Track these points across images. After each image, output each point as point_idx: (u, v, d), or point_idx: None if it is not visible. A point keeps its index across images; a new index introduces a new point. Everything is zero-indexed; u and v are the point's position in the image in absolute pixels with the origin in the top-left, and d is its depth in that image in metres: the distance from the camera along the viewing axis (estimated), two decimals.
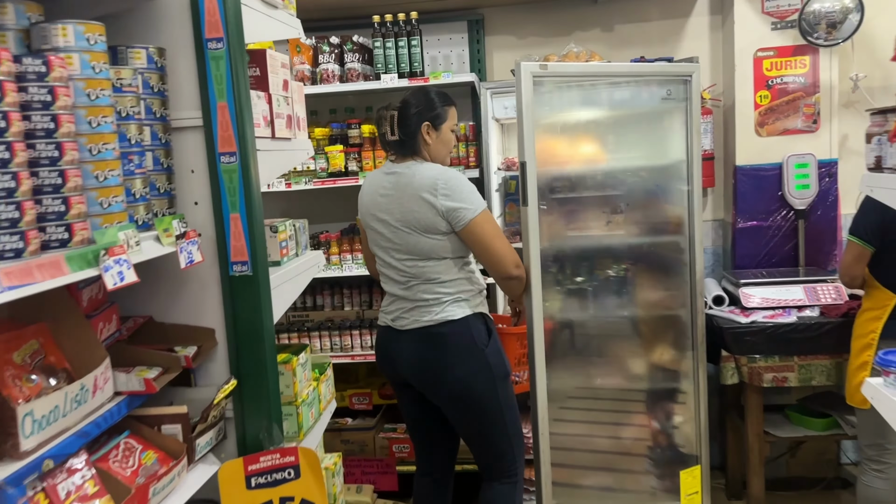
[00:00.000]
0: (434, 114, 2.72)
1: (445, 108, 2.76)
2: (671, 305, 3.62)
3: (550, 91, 3.54)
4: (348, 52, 3.86)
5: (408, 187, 2.58)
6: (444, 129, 2.75)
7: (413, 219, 2.56)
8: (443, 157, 2.78)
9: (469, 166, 3.83)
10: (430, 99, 2.74)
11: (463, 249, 2.66)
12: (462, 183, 2.59)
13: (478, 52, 4.14)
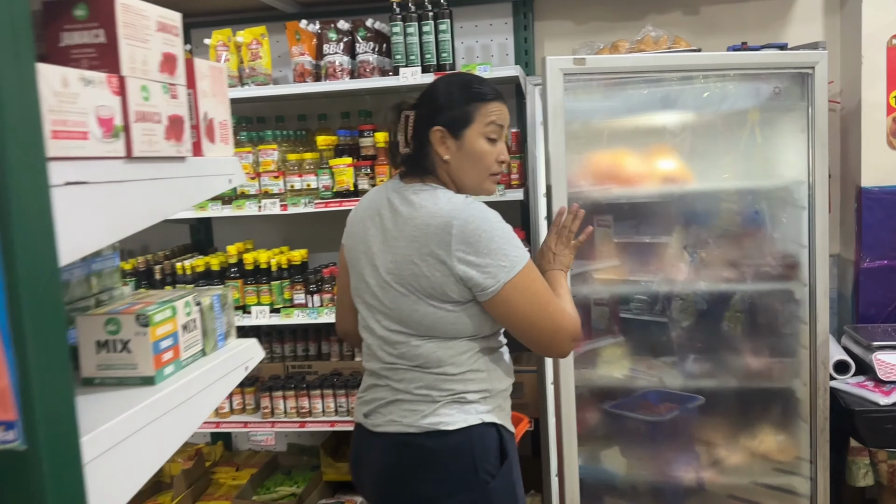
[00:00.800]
0: (452, 114, 1.81)
1: (474, 104, 1.81)
2: (778, 375, 2.72)
3: (608, 88, 2.68)
4: (361, 40, 3.06)
5: (408, 228, 1.76)
6: (469, 137, 1.80)
7: (411, 276, 1.75)
8: (472, 179, 1.85)
9: (511, 185, 3.00)
10: (449, 90, 1.84)
11: (486, 326, 1.81)
12: (492, 227, 1.72)
13: (525, 41, 3.31)
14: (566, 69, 2.47)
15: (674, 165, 2.72)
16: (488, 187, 1.89)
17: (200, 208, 3.14)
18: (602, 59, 2.62)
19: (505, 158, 1.87)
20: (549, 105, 2.45)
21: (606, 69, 2.57)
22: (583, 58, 2.52)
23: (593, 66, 2.53)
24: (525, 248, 1.79)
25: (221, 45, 3.13)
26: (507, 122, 1.87)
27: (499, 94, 1.86)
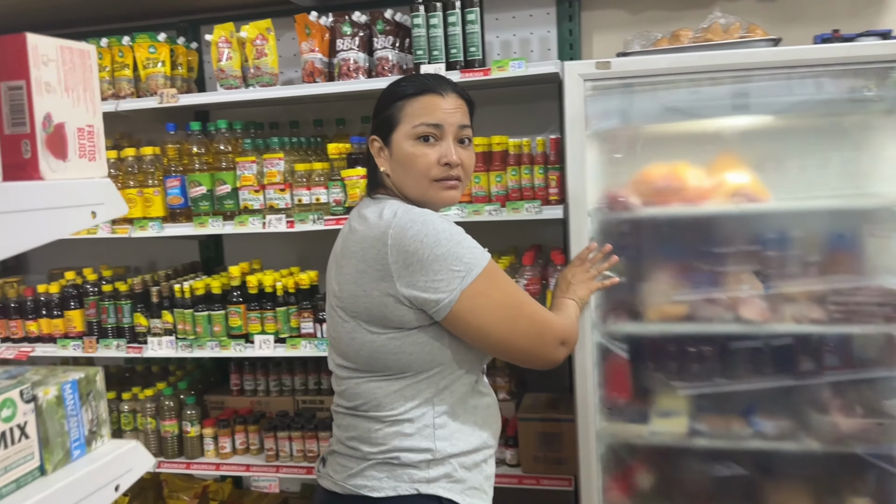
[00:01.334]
0: (379, 119, 1.68)
1: (397, 104, 1.64)
2: (874, 438, 2.22)
3: (654, 88, 2.23)
4: (379, 34, 2.67)
5: (351, 245, 1.59)
6: (396, 141, 1.63)
7: (350, 297, 1.55)
8: (412, 188, 1.64)
9: (548, 201, 2.56)
10: (381, 94, 1.71)
11: (443, 360, 1.56)
12: (435, 229, 1.50)
13: (570, 34, 2.86)
14: (588, 75, 2.07)
15: (745, 179, 2.24)
16: (436, 196, 1.63)
17: (200, 225, 2.80)
18: (630, 61, 2.19)
19: (451, 160, 1.60)
20: (567, 116, 2.19)
21: (636, 73, 2.14)
22: (607, 61, 2.12)
23: (620, 70, 2.13)
24: (483, 249, 1.58)
25: (224, 41, 2.78)
26: (454, 119, 1.63)
27: (436, 86, 1.64)
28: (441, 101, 1.63)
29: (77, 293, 3.03)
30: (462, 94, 1.70)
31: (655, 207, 2.27)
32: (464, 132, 1.66)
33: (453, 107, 1.64)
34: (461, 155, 1.64)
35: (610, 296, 2.32)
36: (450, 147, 1.62)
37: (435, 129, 1.61)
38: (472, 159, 1.68)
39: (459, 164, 1.63)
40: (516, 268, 2.77)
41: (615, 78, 2.20)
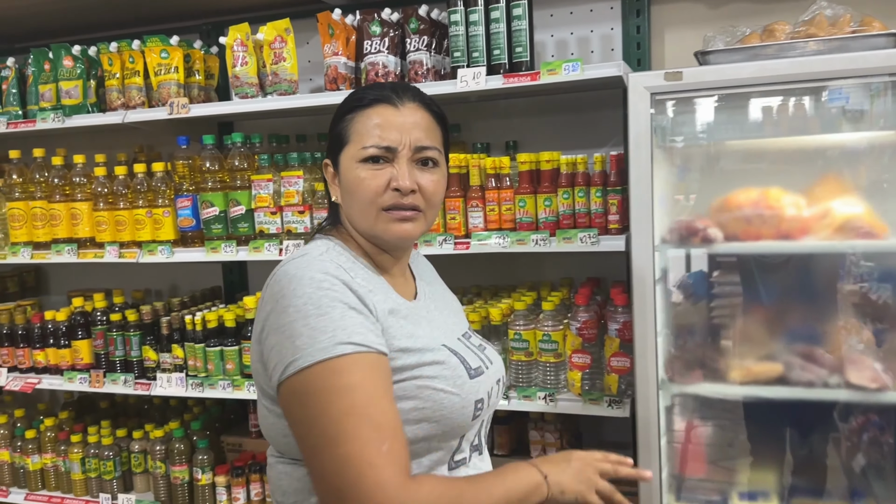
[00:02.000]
0: (330, 137, 1.40)
1: (346, 118, 1.36)
2: None
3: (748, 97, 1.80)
4: (412, 34, 2.31)
5: None
6: (343, 163, 1.36)
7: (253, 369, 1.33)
8: (359, 220, 1.35)
9: (606, 230, 2.14)
10: (336, 109, 1.41)
11: None
12: (294, 291, 1.20)
13: (637, 31, 2.44)
14: (655, 88, 1.67)
15: (857, 209, 1.78)
16: (385, 229, 1.32)
17: (212, 250, 2.49)
18: (708, 71, 1.78)
19: (401, 184, 1.29)
20: (632, 134, 1.83)
21: (717, 84, 1.72)
22: (678, 71, 1.72)
23: (695, 81, 1.70)
24: (343, 337, 1.16)
25: (239, 44, 2.47)
26: (410, 137, 1.31)
27: (390, 96, 1.33)
28: (394, 114, 1.32)
29: (85, 321, 2.76)
30: (429, 106, 1.37)
31: (742, 242, 1.83)
32: (425, 153, 1.33)
33: (411, 122, 1.32)
34: (420, 179, 1.32)
35: (682, 349, 1.89)
36: (403, 170, 1.31)
37: (386, 150, 1.31)
38: (437, 185, 1.35)
39: (416, 191, 1.31)
40: (567, 306, 2.36)
41: (689, 91, 1.79)
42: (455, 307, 1.55)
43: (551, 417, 2.42)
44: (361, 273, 1.30)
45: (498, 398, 1.43)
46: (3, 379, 2.83)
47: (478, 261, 2.68)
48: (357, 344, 1.16)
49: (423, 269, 1.59)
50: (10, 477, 2.93)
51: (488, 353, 1.45)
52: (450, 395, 1.26)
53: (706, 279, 1.93)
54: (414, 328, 1.30)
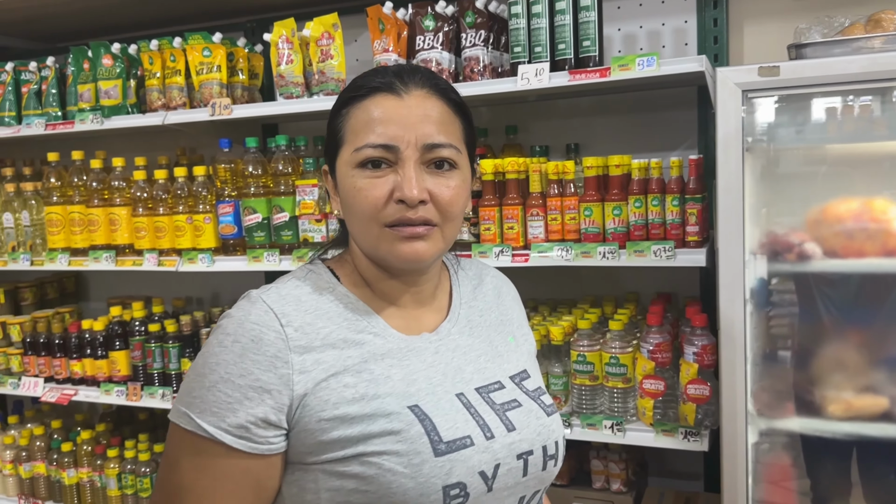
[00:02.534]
0: (327, 137, 1.15)
1: (341, 113, 1.12)
2: None
3: (854, 94, 1.58)
4: (468, 28, 2.14)
5: None
6: (340, 171, 1.11)
7: None
8: (360, 238, 1.11)
9: (684, 243, 1.93)
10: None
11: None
12: (210, 345, 1.05)
13: (713, 24, 2.22)
14: (748, 84, 1.47)
15: None
16: (390, 250, 1.07)
17: (254, 259, 2.35)
18: (811, 66, 1.57)
19: (406, 195, 1.04)
20: (720, 136, 1.64)
21: (817, 81, 1.52)
22: (774, 66, 1.53)
23: (794, 77, 1.49)
24: (196, 409, 1.01)
25: (284, 41, 2.32)
26: (416, 132, 1.05)
27: (392, 82, 1.08)
28: (397, 105, 1.06)
29: (123, 332, 2.65)
30: (444, 93, 1.11)
31: (843, 260, 1.61)
32: (437, 153, 1.07)
33: (419, 113, 1.06)
34: (433, 187, 1.07)
35: (772, 379, 1.68)
36: (409, 175, 1.04)
37: (385, 150, 1.05)
38: (455, 193, 1.09)
39: (427, 201, 1.06)
40: (635, 324, 2.16)
41: (786, 87, 1.57)
42: (499, 348, 1.22)
43: (616, 446, 2.22)
44: (323, 316, 1.07)
45: (530, 476, 1.10)
46: (40, 390, 2.74)
47: (534, 272, 2.49)
48: (199, 426, 1.01)
49: (485, 291, 1.29)
50: (45, 491, 2.83)
51: (520, 413, 1.12)
52: (399, 478, 0.99)
53: (800, 301, 1.71)
54: (376, 383, 1.04)
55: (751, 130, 1.64)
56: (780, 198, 1.71)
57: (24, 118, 2.74)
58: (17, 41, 3.11)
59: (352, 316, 1.10)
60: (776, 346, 1.73)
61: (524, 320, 1.34)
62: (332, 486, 1.02)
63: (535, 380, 1.21)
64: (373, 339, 1.09)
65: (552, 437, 1.13)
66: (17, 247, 2.78)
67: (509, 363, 1.20)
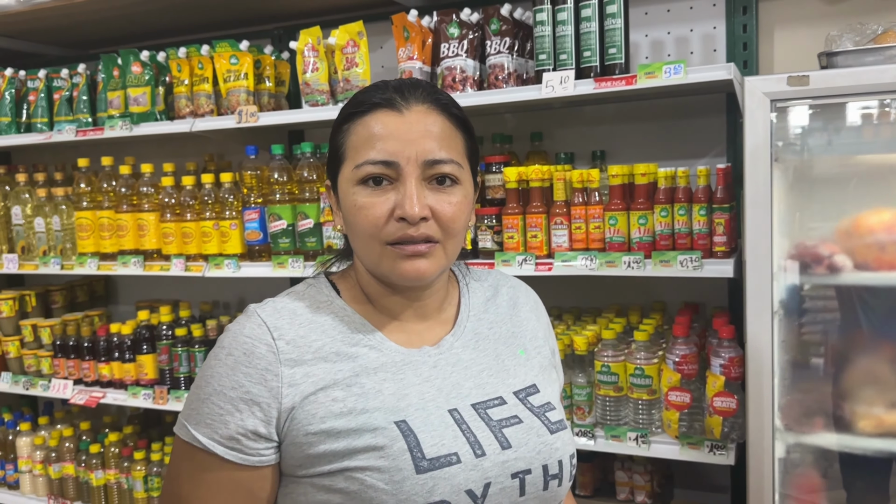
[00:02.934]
0: (329, 152, 1.15)
1: (343, 128, 1.12)
2: None
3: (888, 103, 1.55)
4: (493, 35, 2.13)
5: None
6: (342, 187, 1.11)
7: None
8: (363, 256, 1.12)
9: (711, 253, 1.90)
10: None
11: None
12: (210, 359, 1.08)
13: (743, 30, 2.19)
14: (777, 94, 1.44)
15: None
16: (392, 268, 1.07)
17: (279, 265, 2.36)
18: (842, 75, 1.53)
19: (407, 212, 1.03)
20: (748, 146, 1.62)
21: (849, 90, 1.49)
22: (804, 75, 1.50)
23: (825, 86, 1.46)
24: (193, 420, 1.04)
25: (310, 48, 2.34)
26: (416, 148, 1.05)
27: (392, 98, 1.07)
28: (397, 121, 1.06)
29: (150, 335, 2.68)
30: (445, 108, 1.11)
31: (875, 273, 1.58)
32: (438, 168, 1.07)
33: (419, 129, 1.06)
34: (434, 203, 1.06)
35: (801, 393, 1.64)
36: (410, 192, 1.04)
37: (386, 167, 1.05)
38: (457, 209, 1.08)
39: (429, 217, 1.05)
40: (661, 334, 2.13)
41: (816, 97, 1.54)
42: (506, 362, 1.19)
43: (641, 458, 2.19)
44: (317, 329, 1.08)
45: (529, 496, 1.07)
46: (69, 392, 2.78)
47: (560, 280, 2.47)
48: (194, 437, 1.04)
49: (498, 303, 1.26)
50: (74, 491, 2.87)
51: (518, 430, 1.09)
52: (381, 495, 0.99)
53: (830, 315, 1.67)
54: (365, 398, 1.04)
55: (780, 140, 1.61)
56: (810, 208, 1.68)
57: (56, 124, 2.79)
58: (50, 48, 3.16)
59: (347, 329, 1.10)
60: (805, 360, 1.70)
61: (542, 331, 1.30)
62: (319, 500, 1.03)
63: (545, 395, 1.18)
64: (367, 353, 1.08)
65: (555, 456, 1.10)
66: (47, 251, 2.83)
67: (515, 378, 1.17)
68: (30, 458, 2.93)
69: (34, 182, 2.93)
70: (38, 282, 3.29)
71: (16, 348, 2.94)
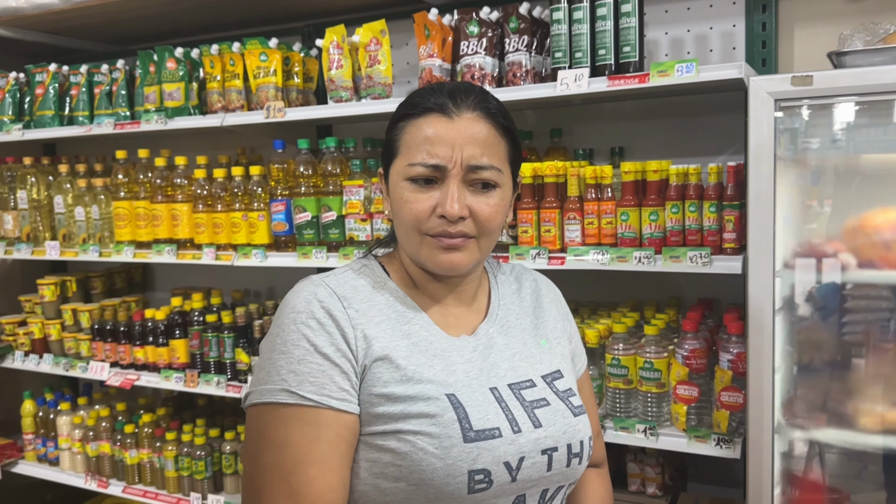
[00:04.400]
0: (385, 143, 1.27)
1: (397, 126, 1.23)
2: None
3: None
4: (512, 33, 2.18)
5: None
6: (392, 179, 1.23)
7: None
8: (405, 244, 1.24)
9: (721, 250, 1.93)
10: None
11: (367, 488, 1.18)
12: (278, 323, 1.16)
13: (762, 28, 2.20)
14: (781, 94, 1.46)
15: None
16: (429, 257, 1.19)
17: (303, 256, 2.44)
18: (844, 75, 1.54)
19: (448, 211, 1.14)
20: (752, 144, 1.65)
21: (853, 90, 1.50)
22: (807, 75, 1.53)
23: (827, 86, 1.48)
24: (293, 384, 1.10)
25: (335, 46, 2.41)
26: (462, 154, 1.15)
27: (444, 104, 1.17)
28: (447, 126, 1.17)
29: (182, 321, 2.80)
30: (493, 117, 1.21)
31: (880, 271, 1.59)
32: (479, 174, 1.17)
33: (467, 135, 1.17)
34: (473, 204, 1.17)
35: (803, 389, 1.67)
36: (451, 193, 1.15)
37: (434, 170, 1.17)
38: (494, 211, 1.19)
39: (467, 217, 1.17)
40: (674, 329, 2.16)
41: (820, 97, 1.56)
42: (532, 350, 1.29)
43: (653, 450, 2.23)
44: (376, 305, 1.18)
45: (554, 471, 1.17)
46: (106, 374, 2.91)
47: (576, 276, 2.51)
48: (302, 396, 1.08)
49: (522, 296, 1.36)
50: (110, 469, 3.01)
51: (547, 412, 1.19)
52: (429, 458, 1.08)
53: (833, 312, 1.69)
54: (420, 370, 1.14)
55: (784, 139, 1.63)
56: (816, 207, 1.69)
57: (96, 118, 2.91)
58: (91, 44, 3.29)
59: (401, 309, 1.21)
60: (808, 357, 1.72)
61: (561, 322, 1.40)
62: (370, 458, 1.11)
63: (568, 381, 1.29)
64: (418, 331, 1.19)
65: (577, 437, 1.21)
66: (87, 239, 2.96)
67: (542, 363, 1.28)
68: (69, 436, 3.08)
69: (75, 173, 3.07)
70: (79, 268, 3.44)
71: (57, 331, 3.08)
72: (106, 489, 2.99)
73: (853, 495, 1.71)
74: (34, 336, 3.13)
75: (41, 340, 3.13)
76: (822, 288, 1.70)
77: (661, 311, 2.23)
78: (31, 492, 3.39)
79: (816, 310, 1.77)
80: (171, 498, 2.84)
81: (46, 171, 3.18)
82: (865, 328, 1.71)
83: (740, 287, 2.30)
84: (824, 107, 1.62)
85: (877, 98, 1.52)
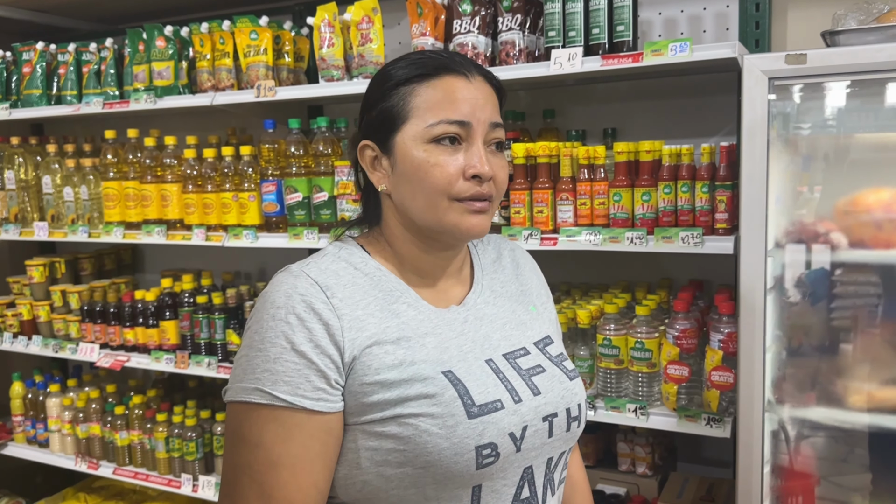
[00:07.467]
0: (374, 114, 1.19)
1: (401, 89, 1.16)
2: None
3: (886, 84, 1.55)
4: (505, 11, 2.16)
5: None
6: (400, 145, 1.15)
7: None
8: (423, 213, 1.16)
9: (713, 230, 1.93)
10: (370, 83, 1.22)
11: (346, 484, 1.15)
12: (259, 313, 1.12)
13: (756, 9, 2.19)
14: (775, 72, 1.46)
15: None
16: (457, 222, 1.14)
17: (295, 236, 2.43)
18: (837, 53, 1.54)
19: (482, 170, 1.12)
20: (745, 124, 1.63)
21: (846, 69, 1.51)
22: (801, 53, 1.52)
23: (821, 65, 1.48)
24: (267, 383, 1.06)
25: (326, 24, 2.38)
26: (485, 113, 1.14)
27: (458, 65, 1.15)
28: (466, 86, 1.14)
29: (173, 302, 2.78)
30: (491, 80, 1.21)
31: (871, 250, 1.59)
32: (496, 133, 1.17)
33: (483, 96, 1.15)
34: (494, 165, 1.15)
35: (792, 367, 1.67)
36: (480, 152, 1.13)
37: (460, 127, 1.12)
38: (505, 172, 1.19)
39: (492, 178, 1.14)
40: (665, 310, 2.17)
41: (813, 76, 1.56)
42: (522, 316, 1.29)
43: (643, 430, 2.24)
44: (361, 288, 1.14)
45: (555, 437, 1.17)
46: (96, 355, 2.90)
47: (568, 257, 2.51)
48: (275, 396, 1.05)
49: (503, 264, 1.35)
50: (100, 450, 3.00)
51: (544, 378, 1.19)
52: (434, 439, 1.06)
53: (824, 292, 1.70)
54: (411, 353, 1.11)
55: (778, 118, 1.63)
56: (808, 187, 1.69)
57: (84, 97, 2.88)
58: (79, 23, 3.25)
59: (385, 288, 1.17)
60: (798, 336, 1.73)
61: (543, 289, 1.41)
62: (370, 446, 1.09)
63: (558, 346, 1.30)
64: (406, 310, 1.16)
65: (574, 400, 1.21)
66: (76, 219, 2.93)
67: (532, 330, 1.28)
68: (59, 418, 3.07)
69: (64, 153, 3.04)
70: (68, 250, 3.41)
71: (46, 313, 3.06)
72: (96, 471, 2.98)
73: (839, 477, 1.72)
74: (23, 318, 3.11)
75: (30, 322, 3.12)
76: (812, 273, 1.70)
77: (653, 293, 2.24)
78: (20, 473, 3.38)
79: (806, 295, 1.78)
80: (162, 479, 2.83)
81: (34, 151, 3.14)
82: (853, 313, 1.72)
83: (730, 269, 2.31)
84: (816, 88, 1.62)
85: (870, 77, 1.52)
